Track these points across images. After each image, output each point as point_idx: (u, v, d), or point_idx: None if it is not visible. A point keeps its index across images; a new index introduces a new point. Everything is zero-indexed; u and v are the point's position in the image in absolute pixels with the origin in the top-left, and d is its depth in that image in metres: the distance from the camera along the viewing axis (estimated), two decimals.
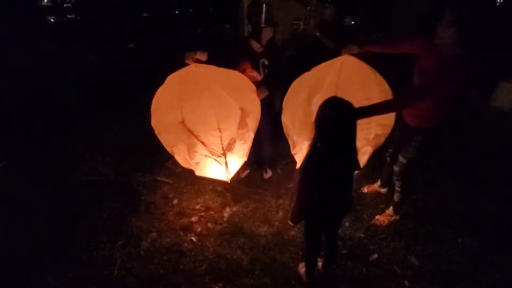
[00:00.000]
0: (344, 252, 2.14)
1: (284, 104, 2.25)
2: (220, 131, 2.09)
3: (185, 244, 2.25)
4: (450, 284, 1.94)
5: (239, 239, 2.28)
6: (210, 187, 2.86)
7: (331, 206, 1.60)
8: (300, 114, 2.14)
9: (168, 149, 2.24)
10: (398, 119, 2.20)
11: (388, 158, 2.50)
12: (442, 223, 2.38)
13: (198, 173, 2.25)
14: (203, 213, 2.55)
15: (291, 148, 2.26)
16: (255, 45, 2.41)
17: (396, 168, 2.24)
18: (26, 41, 6.34)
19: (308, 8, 4.52)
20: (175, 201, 2.71)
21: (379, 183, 2.71)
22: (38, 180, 3.00)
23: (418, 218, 2.43)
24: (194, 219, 2.49)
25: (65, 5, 17.32)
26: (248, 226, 2.41)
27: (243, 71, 2.37)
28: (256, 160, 3.06)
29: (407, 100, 1.86)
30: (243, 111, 2.20)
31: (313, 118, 1.93)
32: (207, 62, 2.16)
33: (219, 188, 2.85)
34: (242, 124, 2.22)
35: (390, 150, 2.46)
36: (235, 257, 2.14)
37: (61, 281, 1.99)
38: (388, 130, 2.08)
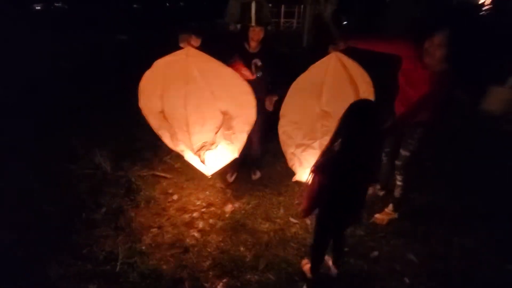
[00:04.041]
0: (346, 249, 2.18)
1: (283, 111, 2.19)
2: (189, 134, 2.03)
3: (188, 240, 2.24)
4: (447, 281, 2.00)
5: (242, 236, 2.29)
6: (210, 183, 2.84)
7: (343, 213, 1.61)
8: (308, 117, 2.12)
9: (155, 131, 2.26)
10: (391, 119, 2.29)
11: (384, 158, 2.55)
12: (437, 222, 2.45)
13: (186, 159, 2.30)
14: (204, 209, 2.54)
15: (287, 161, 2.29)
16: (248, 45, 2.35)
17: (398, 163, 2.30)
18: (14, 31, 6.09)
19: None
20: (175, 197, 2.68)
21: (378, 186, 2.76)
22: (33, 174, 2.89)
23: (415, 218, 2.49)
24: (195, 215, 2.48)
25: None
26: (250, 223, 2.41)
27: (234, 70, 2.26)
28: (243, 160, 2.98)
29: (410, 114, 2.03)
30: (226, 114, 2.11)
31: (328, 121, 1.97)
32: (200, 48, 2.05)
33: (219, 185, 2.85)
34: (227, 127, 2.16)
35: (387, 149, 2.51)
36: (238, 253, 2.15)
37: (63, 275, 1.94)
38: None
